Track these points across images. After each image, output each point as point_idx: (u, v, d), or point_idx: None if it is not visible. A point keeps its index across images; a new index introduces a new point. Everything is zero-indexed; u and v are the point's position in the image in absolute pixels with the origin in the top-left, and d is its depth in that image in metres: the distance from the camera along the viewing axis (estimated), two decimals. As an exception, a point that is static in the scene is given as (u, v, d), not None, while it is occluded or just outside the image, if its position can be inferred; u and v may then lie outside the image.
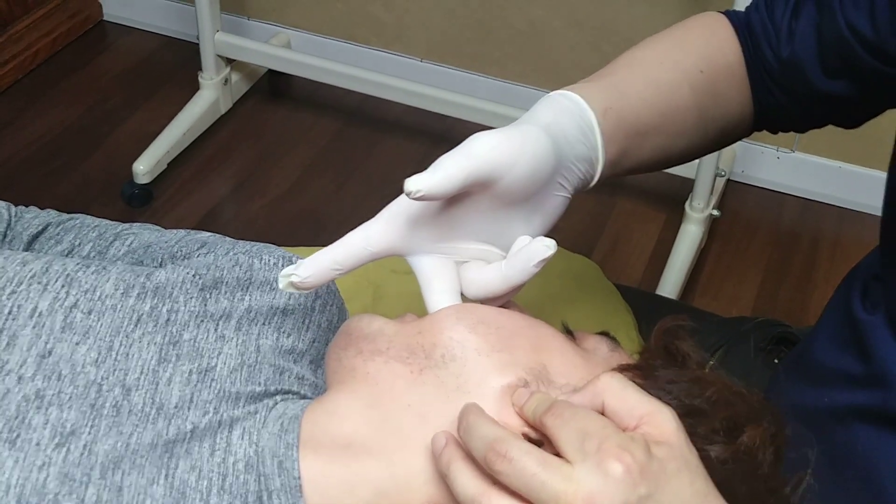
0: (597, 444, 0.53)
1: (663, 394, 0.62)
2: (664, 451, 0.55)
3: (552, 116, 0.69)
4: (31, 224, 0.85)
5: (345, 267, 0.65)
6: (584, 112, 0.71)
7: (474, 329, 0.64)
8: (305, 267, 0.65)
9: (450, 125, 2.15)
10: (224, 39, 2.10)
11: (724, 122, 0.82)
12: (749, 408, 0.63)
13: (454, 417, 0.61)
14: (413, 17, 2.22)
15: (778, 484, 0.62)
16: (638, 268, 1.95)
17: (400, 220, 0.65)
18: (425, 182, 0.61)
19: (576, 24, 2.08)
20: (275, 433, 0.64)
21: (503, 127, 0.65)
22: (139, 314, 0.70)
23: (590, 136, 0.71)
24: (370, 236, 0.65)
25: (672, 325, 0.68)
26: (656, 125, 0.76)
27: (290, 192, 2.07)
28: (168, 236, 0.83)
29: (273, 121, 2.27)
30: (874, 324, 0.75)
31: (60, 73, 2.34)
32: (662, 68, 0.78)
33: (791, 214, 2.11)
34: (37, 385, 0.65)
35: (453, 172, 0.61)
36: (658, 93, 0.77)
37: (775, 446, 0.62)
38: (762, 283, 1.95)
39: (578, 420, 0.55)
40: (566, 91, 0.72)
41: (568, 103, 0.71)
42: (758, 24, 0.81)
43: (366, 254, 0.65)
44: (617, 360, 0.67)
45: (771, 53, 0.80)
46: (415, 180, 0.61)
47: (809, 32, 0.77)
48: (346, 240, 0.65)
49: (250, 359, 0.70)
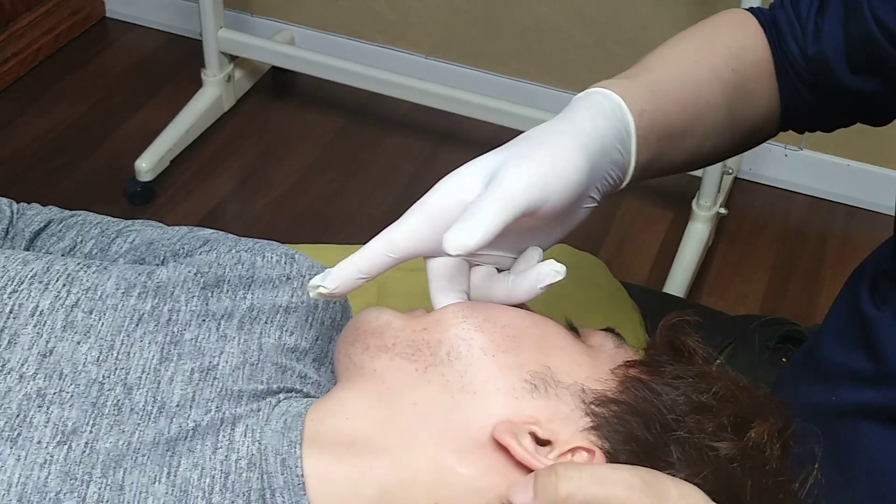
0: None
1: (669, 389, 0.63)
2: None
3: (591, 123, 0.67)
4: (33, 221, 0.85)
5: (370, 274, 0.65)
6: (623, 115, 0.69)
7: (480, 327, 0.64)
8: (332, 278, 0.64)
9: (455, 122, 2.15)
10: (227, 36, 2.10)
11: (751, 121, 0.82)
12: (756, 403, 0.64)
13: (459, 417, 0.61)
14: (418, 13, 2.22)
15: (786, 479, 0.62)
16: (645, 266, 1.94)
17: (423, 227, 0.64)
18: (466, 241, 0.59)
19: (581, 21, 2.08)
20: (278, 431, 0.64)
21: (535, 143, 0.63)
22: (140, 313, 0.70)
23: (626, 141, 0.69)
24: (393, 242, 0.64)
25: (677, 321, 0.68)
26: (688, 127, 0.75)
27: (294, 190, 2.07)
28: (170, 233, 0.83)
29: (277, 118, 2.27)
30: (883, 320, 0.75)
31: (63, 71, 2.34)
32: (695, 66, 0.77)
33: (799, 212, 2.11)
34: (38, 384, 0.65)
35: (491, 222, 0.59)
36: (691, 93, 0.75)
37: (782, 441, 0.63)
38: (770, 281, 1.95)
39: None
40: (607, 90, 0.70)
41: (608, 105, 0.69)
42: (784, 21, 0.80)
43: (389, 260, 0.64)
44: (622, 357, 0.67)
45: (797, 51, 0.79)
46: (455, 239, 0.59)
47: (836, 29, 0.77)
48: (370, 247, 0.64)
49: (252, 357, 0.70)
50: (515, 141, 0.66)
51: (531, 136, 0.66)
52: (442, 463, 0.61)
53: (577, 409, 0.62)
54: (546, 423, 0.61)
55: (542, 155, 0.63)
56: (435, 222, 0.63)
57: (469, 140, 2.17)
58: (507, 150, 0.65)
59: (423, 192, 0.65)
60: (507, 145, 0.66)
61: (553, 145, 0.64)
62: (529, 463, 0.59)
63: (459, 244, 0.58)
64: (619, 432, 0.61)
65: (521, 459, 0.59)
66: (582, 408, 0.62)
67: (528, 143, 0.65)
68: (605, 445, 0.61)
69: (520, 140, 0.66)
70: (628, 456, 0.60)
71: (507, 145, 0.66)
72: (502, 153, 0.65)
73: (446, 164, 0.67)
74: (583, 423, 0.61)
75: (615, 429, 0.61)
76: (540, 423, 0.61)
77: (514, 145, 0.65)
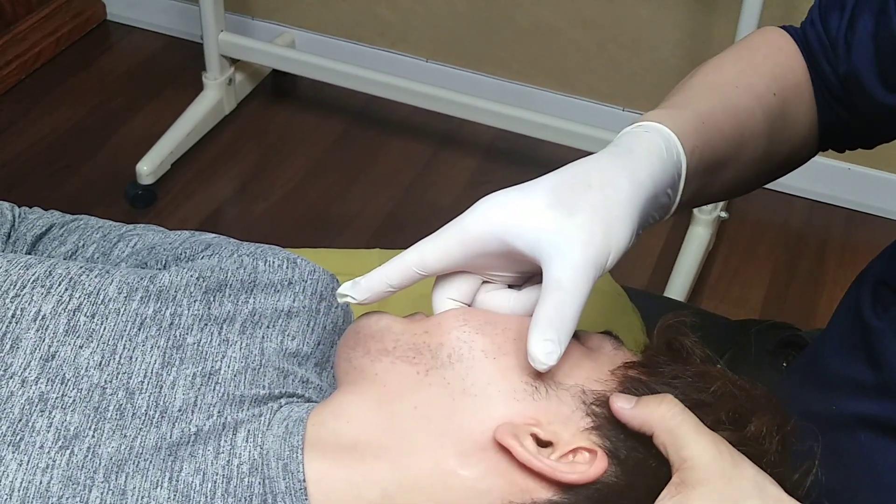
0: None
1: (668, 389, 0.63)
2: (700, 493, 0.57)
3: (647, 172, 0.64)
4: (34, 225, 0.85)
5: (399, 287, 0.65)
6: (678, 158, 0.67)
7: (481, 330, 0.64)
8: (362, 289, 0.64)
9: (456, 126, 2.15)
10: (228, 39, 2.10)
11: (790, 145, 0.80)
12: (754, 400, 0.64)
13: (460, 420, 0.61)
14: (418, 17, 2.22)
15: (785, 470, 0.62)
16: (645, 270, 1.94)
17: (456, 248, 0.63)
18: (552, 359, 0.59)
19: (582, 24, 2.08)
20: (279, 436, 0.64)
21: (590, 205, 0.61)
22: (143, 318, 0.70)
23: (676, 184, 0.68)
24: (425, 260, 0.64)
25: (674, 322, 0.68)
26: (732, 158, 0.74)
27: (295, 194, 2.07)
28: (172, 238, 0.83)
29: (277, 121, 2.27)
30: (884, 330, 0.74)
31: (64, 74, 2.34)
32: (737, 93, 0.75)
33: (799, 216, 2.11)
34: (40, 388, 0.65)
35: (570, 329, 0.60)
36: (735, 123, 0.73)
37: (782, 435, 0.63)
38: (770, 285, 1.95)
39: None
40: (663, 127, 0.67)
41: (664, 145, 0.66)
42: (814, 39, 0.78)
43: (419, 276, 0.64)
44: (621, 358, 0.67)
45: (830, 69, 0.77)
46: (542, 358, 0.59)
47: (867, 44, 0.75)
48: (402, 260, 0.64)
49: (254, 362, 0.70)
50: (562, 182, 0.63)
51: (584, 183, 0.63)
52: (444, 466, 0.61)
53: (577, 409, 0.62)
54: (547, 425, 0.61)
55: (597, 229, 0.61)
56: (468, 246, 0.63)
57: (470, 143, 2.17)
58: (554, 195, 0.62)
59: (423, 195, 0.65)
60: (551, 182, 0.63)
61: (609, 212, 0.62)
62: (531, 464, 0.59)
63: (548, 363, 0.59)
64: (619, 431, 0.61)
65: (523, 461, 0.59)
66: (583, 408, 0.62)
67: (583, 200, 0.62)
68: (607, 444, 0.61)
69: (571, 187, 0.62)
70: (629, 452, 0.61)
71: (551, 182, 0.63)
72: (548, 192, 0.62)
73: (447, 168, 0.67)
74: (584, 423, 0.62)
75: (616, 428, 0.61)
76: (541, 425, 0.61)
77: (561, 192, 0.62)
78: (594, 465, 0.60)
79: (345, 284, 0.65)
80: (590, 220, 0.61)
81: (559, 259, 0.60)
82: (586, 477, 0.59)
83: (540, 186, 0.63)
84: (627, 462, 0.61)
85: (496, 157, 2.12)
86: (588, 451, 0.61)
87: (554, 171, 0.64)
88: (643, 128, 0.67)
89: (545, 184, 0.63)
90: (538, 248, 0.61)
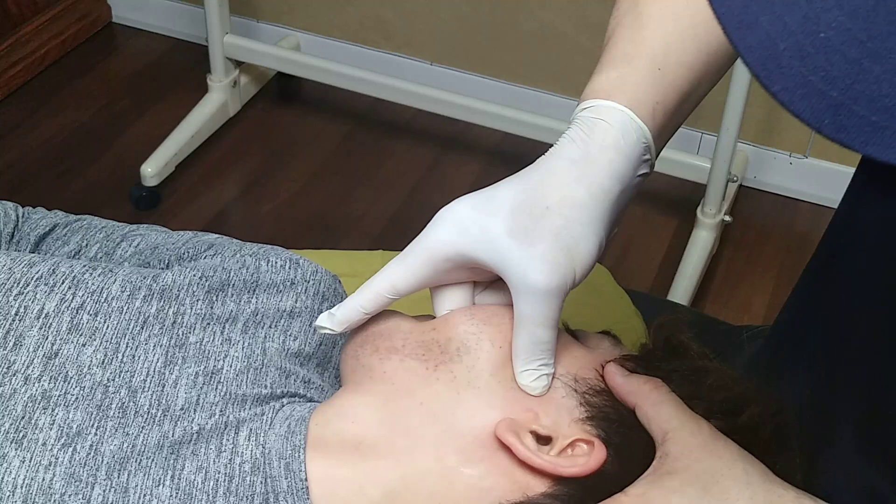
0: None
1: (664, 381, 0.64)
2: (683, 464, 0.57)
3: (607, 171, 0.62)
4: (38, 225, 0.85)
5: (373, 312, 0.66)
6: (643, 133, 0.64)
7: (488, 321, 0.65)
8: (338, 321, 0.65)
9: (460, 128, 2.15)
10: (233, 42, 2.10)
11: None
12: (748, 392, 0.65)
13: (462, 414, 0.62)
14: (423, 20, 2.22)
15: (780, 458, 0.63)
16: (649, 274, 1.94)
17: (424, 268, 0.64)
18: (542, 386, 0.63)
19: (586, 27, 2.08)
20: (281, 435, 0.64)
21: (550, 227, 0.61)
22: (145, 316, 0.70)
23: (644, 155, 0.65)
24: (395, 284, 0.64)
25: (670, 319, 0.69)
26: (700, 81, 0.69)
27: (299, 196, 2.07)
28: (175, 238, 0.84)
29: (282, 124, 2.27)
30: None
31: (69, 76, 2.34)
32: (680, 22, 0.68)
33: (804, 220, 2.10)
34: (43, 386, 0.65)
35: (552, 349, 0.64)
36: (697, 43, 0.67)
37: (776, 423, 0.64)
38: (774, 289, 1.94)
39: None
40: (619, 107, 0.64)
41: (621, 135, 0.63)
42: None
43: (391, 300, 0.65)
44: (619, 354, 0.68)
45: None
46: (532, 385, 0.63)
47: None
48: (372, 288, 0.65)
49: (256, 361, 0.70)
50: (520, 205, 0.62)
51: (542, 205, 0.62)
52: (446, 463, 0.61)
53: (569, 397, 0.64)
54: (544, 416, 0.62)
55: (560, 256, 0.61)
56: (437, 266, 0.64)
57: (474, 146, 2.17)
58: (513, 221, 0.61)
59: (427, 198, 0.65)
60: (509, 203, 0.62)
61: (570, 234, 0.61)
62: (532, 461, 0.60)
63: (539, 387, 0.63)
64: (611, 420, 0.63)
65: (524, 458, 0.60)
66: (575, 397, 0.64)
67: (542, 226, 0.61)
68: (601, 434, 0.62)
69: (529, 212, 0.61)
70: (622, 439, 0.62)
71: (509, 203, 0.62)
72: (507, 217, 0.61)
73: (451, 171, 0.67)
74: (577, 412, 0.63)
75: (608, 417, 0.63)
76: (538, 417, 0.62)
77: (519, 217, 0.61)
78: (593, 456, 0.60)
79: (321, 316, 0.66)
80: (551, 248, 0.61)
81: (524, 291, 0.61)
82: (586, 469, 0.60)
83: (498, 205, 0.62)
84: (621, 449, 0.62)
85: (500, 161, 2.12)
86: (585, 442, 0.62)
87: (513, 176, 0.63)
88: (594, 111, 0.64)
89: (504, 202, 0.62)
90: (504, 271, 0.62)
